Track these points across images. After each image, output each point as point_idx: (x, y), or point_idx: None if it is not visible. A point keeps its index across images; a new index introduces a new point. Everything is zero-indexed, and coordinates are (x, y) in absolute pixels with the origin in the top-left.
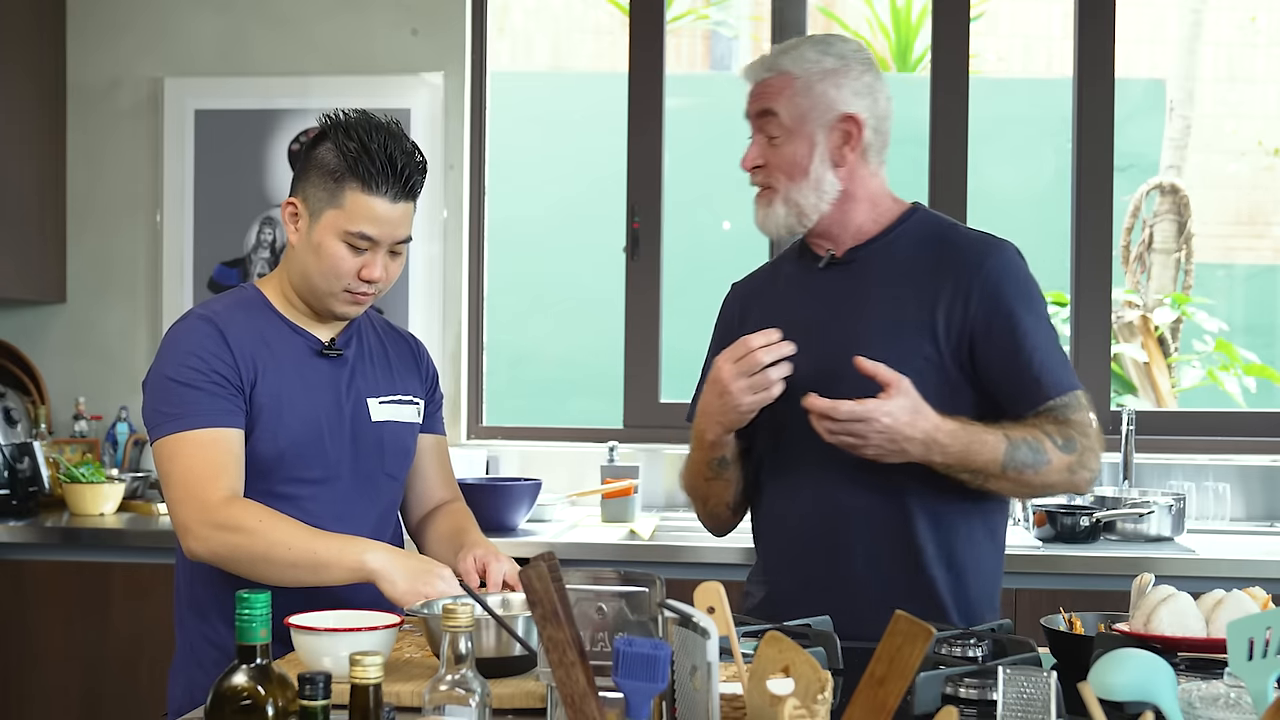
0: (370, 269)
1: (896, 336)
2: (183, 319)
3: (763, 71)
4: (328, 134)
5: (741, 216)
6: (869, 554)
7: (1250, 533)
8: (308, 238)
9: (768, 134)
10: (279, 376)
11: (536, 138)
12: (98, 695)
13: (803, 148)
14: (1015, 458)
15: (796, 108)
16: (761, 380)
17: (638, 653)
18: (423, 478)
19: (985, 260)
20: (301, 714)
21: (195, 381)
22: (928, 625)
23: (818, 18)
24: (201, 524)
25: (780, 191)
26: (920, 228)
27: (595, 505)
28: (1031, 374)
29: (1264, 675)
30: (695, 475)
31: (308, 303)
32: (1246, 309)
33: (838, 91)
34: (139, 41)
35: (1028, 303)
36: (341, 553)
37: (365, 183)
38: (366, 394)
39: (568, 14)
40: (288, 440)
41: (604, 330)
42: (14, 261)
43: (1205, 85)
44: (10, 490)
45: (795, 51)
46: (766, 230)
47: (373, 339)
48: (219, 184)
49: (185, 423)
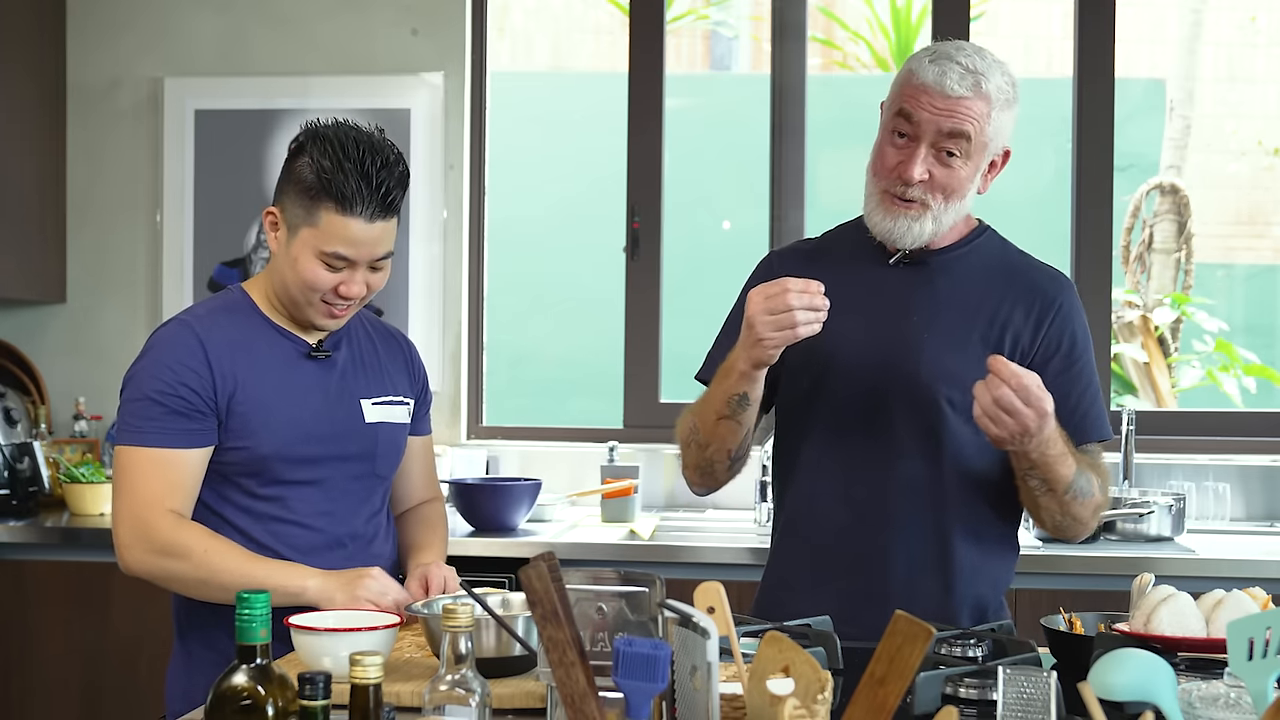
0: (348, 286)
1: (963, 345)
2: (166, 324)
3: (968, 89)
4: (304, 147)
5: (741, 216)
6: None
7: (1250, 533)
8: (285, 250)
9: (943, 149)
10: (262, 382)
11: (536, 138)
12: (97, 695)
13: (973, 172)
14: (1078, 482)
15: (984, 135)
16: (787, 319)
17: (638, 653)
18: (406, 477)
19: (1060, 294)
20: (301, 714)
21: (162, 398)
22: (928, 625)
23: (818, 18)
24: (139, 546)
25: (933, 209)
26: (993, 248)
27: (595, 505)
28: (1080, 413)
29: (1264, 675)
30: (706, 413)
31: (288, 311)
32: (1246, 309)
33: (1010, 123)
34: (139, 41)
35: (1087, 343)
36: (282, 581)
37: (340, 203)
38: (359, 395)
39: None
40: (272, 445)
41: (604, 330)
42: (14, 261)
43: (1205, 85)
44: (10, 490)
45: (990, 76)
46: (900, 241)
47: (364, 340)
48: (219, 184)
49: (144, 438)
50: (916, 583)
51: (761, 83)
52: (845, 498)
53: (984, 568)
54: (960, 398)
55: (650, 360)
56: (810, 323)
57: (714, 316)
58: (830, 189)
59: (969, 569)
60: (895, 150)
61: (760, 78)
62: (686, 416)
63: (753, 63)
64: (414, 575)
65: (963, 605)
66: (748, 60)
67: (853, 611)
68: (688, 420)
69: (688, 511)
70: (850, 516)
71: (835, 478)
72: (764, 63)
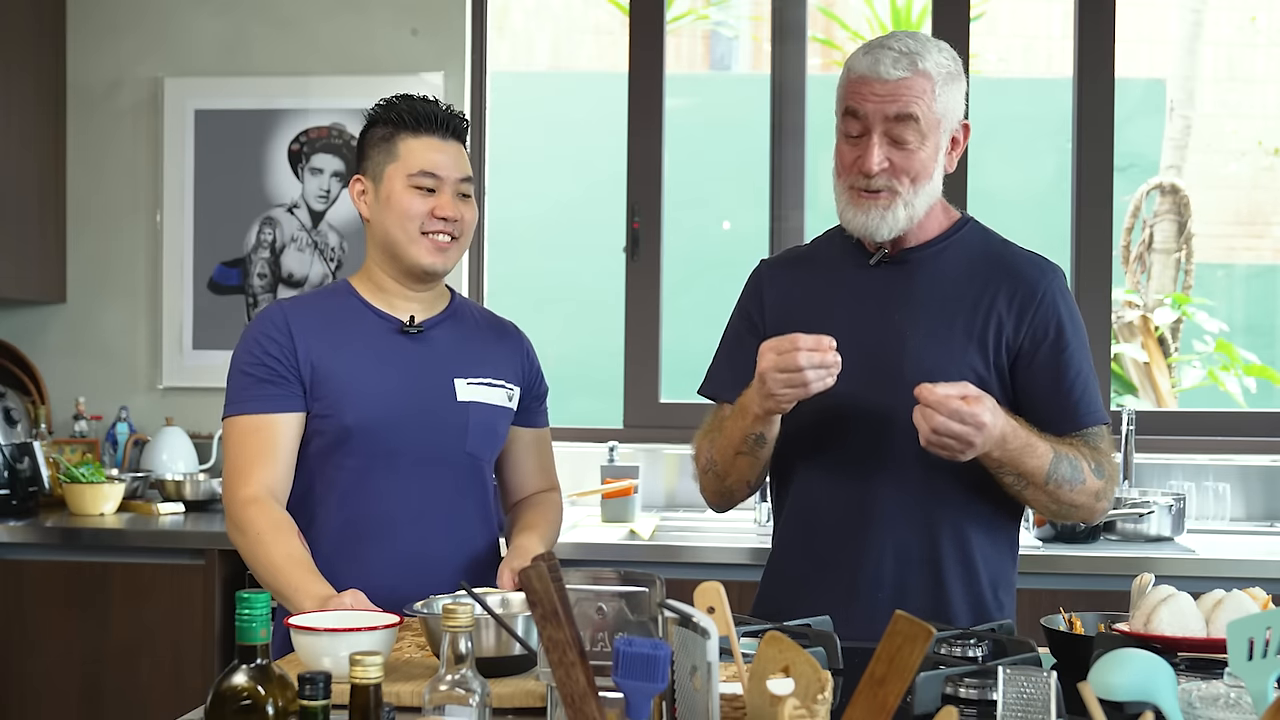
0: (442, 207)
1: (945, 341)
2: (264, 308)
3: (905, 70)
4: (373, 119)
5: (741, 216)
6: (894, 555)
7: (1250, 533)
8: (378, 200)
9: (896, 136)
10: (349, 355)
11: (536, 138)
12: (98, 695)
13: (932, 153)
14: (1058, 470)
15: (934, 112)
16: (798, 379)
17: (638, 653)
18: (517, 468)
19: (1042, 281)
20: (301, 714)
21: (251, 369)
22: (928, 625)
23: (818, 18)
24: (228, 514)
25: (903, 195)
26: (974, 239)
27: (595, 505)
28: (1073, 399)
29: (1264, 675)
30: (726, 446)
31: (397, 266)
32: (1246, 309)
33: (960, 97)
34: (139, 42)
35: (1076, 328)
36: (290, 595)
37: (412, 128)
38: (454, 374)
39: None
40: (355, 415)
41: (604, 330)
42: (14, 261)
43: (1205, 85)
44: (10, 490)
45: (928, 53)
46: (873, 233)
47: (471, 325)
48: (219, 184)
49: (236, 408)
50: (909, 580)
51: (761, 83)
52: (837, 497)
53: (978, 564)
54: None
55: (650, 360)
56: (822, 379)
57: (713, 317)
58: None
59: (962, 565)
60: (851, 148)
61: (760, 78)
62: (703, 444)
63: (753, 63)
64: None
65: (957, 601)
66: (748, 60)
67: (846, 610)
68: (704, 449)
69: (688, 511)
70: (842, 515)
71: (827, 478)
72: (764, 63)
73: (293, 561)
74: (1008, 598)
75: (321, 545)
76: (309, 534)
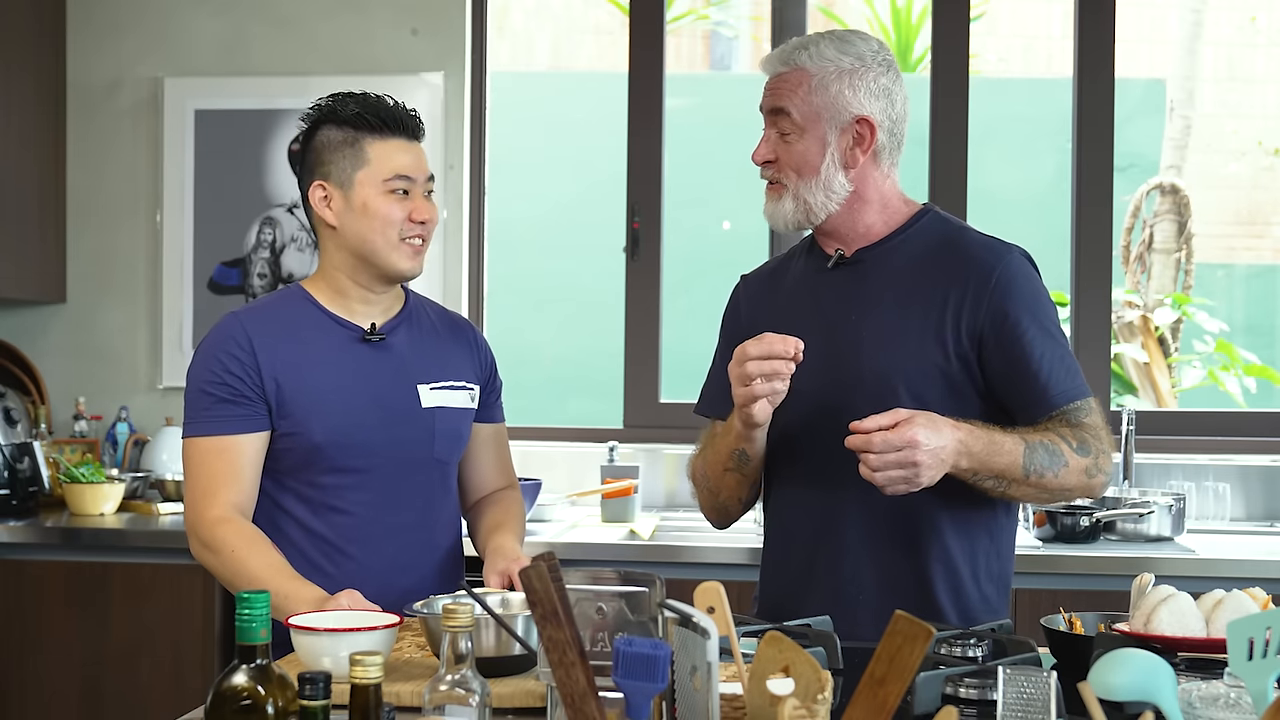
0: (419, 211)
1: (903, 339)
2: (220, 320)
3: (779, 65)
4: (322, 118)
5: (741, 216)
6: (870, 560)
7: (1250, 533)
8: (348, 207)
9: (780, 130)
10: (313, 370)
11: (536, 138)
12: (98, 695)
13: (814, 147)
14: (1034, 460)
15: (810, 106)
16: (747, 393)
17: (638, 653)
18: (476, 466)
19: (994, 266)
20: (301, 714)
21: (211, 388)
22: (928, 625)
23: (818, 17)
24: (194, 535)
25: (789, 187)
26: (930, 231)
27: (595, 505)
28: (1040, 381)
29: (1264, 675)
30: (715, 463)
31: (369, 272)
32: (1246, 309)
33: (853, 93)
34: (139, 41)
35: (1035, 309)
36: (283, 601)
37: (379, 131)
38: (416, 380)
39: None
40: (324, 432)
41: (604, 330)
42: (14, 261)
43: (1205, 85)
44: (10, 490)
45: (814, 48)
46: (774, 223)
47: (426, 325)
48: (219, 184)
49: (198, 428)
50: (889, 583)
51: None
52: (811, 505)
53: (958, 561)
54: (909, 387)
55: (650, 360)
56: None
57: (714, 317)
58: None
59: (942, 564)
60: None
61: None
62: (697, 462)
63: (753, 63)
64: (493, 567)
65: (943, 599)
66: (748, 60)
67: (832, 611)
68: (699, 466)
69: (688, 511)
70: (819, 524)
71: (800, 486)
72: None
73: (274, 570)
74: (996, 594)
75: (293, 560)
76: (279, 549)
